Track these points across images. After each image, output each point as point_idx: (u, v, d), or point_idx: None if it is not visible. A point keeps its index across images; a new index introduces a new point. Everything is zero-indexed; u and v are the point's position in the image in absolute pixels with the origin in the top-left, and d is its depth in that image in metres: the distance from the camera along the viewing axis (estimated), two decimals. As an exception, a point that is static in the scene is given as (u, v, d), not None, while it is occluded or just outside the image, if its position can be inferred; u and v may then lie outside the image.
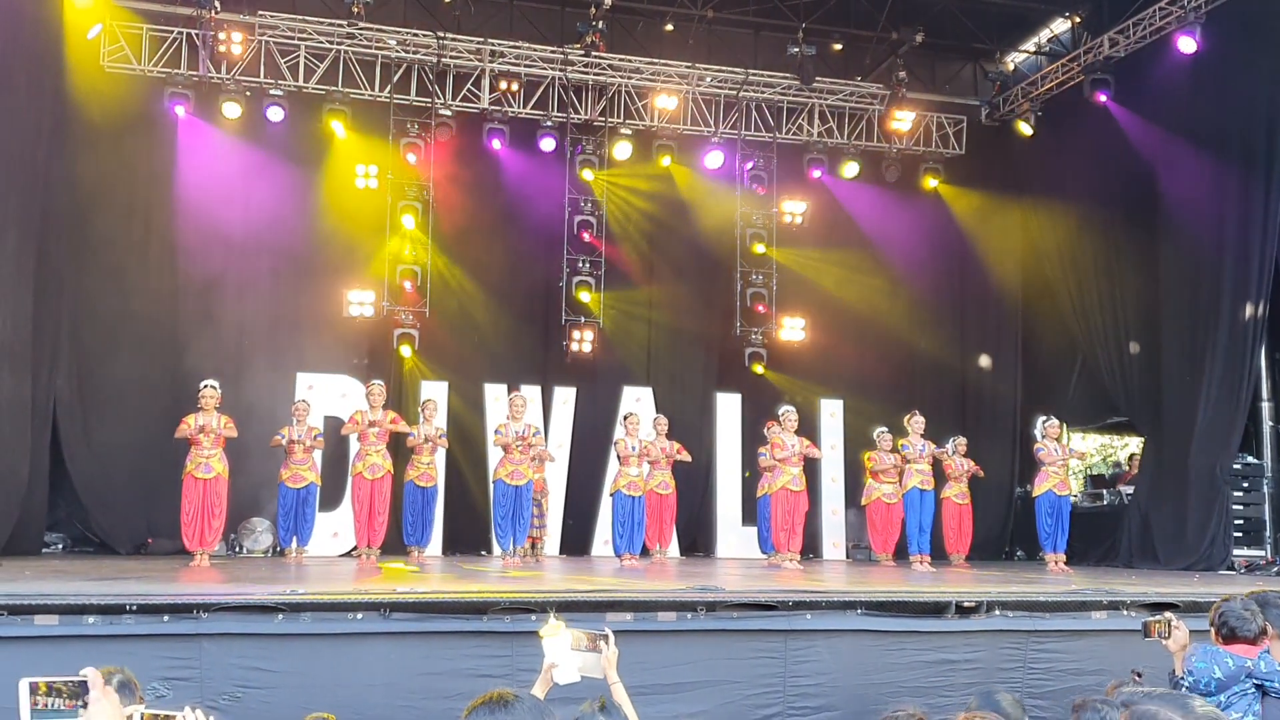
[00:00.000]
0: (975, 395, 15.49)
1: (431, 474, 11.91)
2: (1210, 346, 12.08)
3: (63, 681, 2.26)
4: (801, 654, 6.06)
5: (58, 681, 2.25)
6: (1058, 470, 12.00)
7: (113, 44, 12.77)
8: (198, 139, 13.13)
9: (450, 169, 14.00)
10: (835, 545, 14.50)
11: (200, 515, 10.22)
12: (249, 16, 13.02)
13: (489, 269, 14.02)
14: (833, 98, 14.94)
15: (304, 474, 11.40)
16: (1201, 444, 12.08)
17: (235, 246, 12.80)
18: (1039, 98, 14.60)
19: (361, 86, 13.64)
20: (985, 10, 14.72)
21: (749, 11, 14.37)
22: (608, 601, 6.12)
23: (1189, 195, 12.53)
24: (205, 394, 10.41)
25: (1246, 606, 3.92)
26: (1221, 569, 11.44)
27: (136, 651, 5.07)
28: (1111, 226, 13.67)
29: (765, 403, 13.83)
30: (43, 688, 2.24)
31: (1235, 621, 3.88)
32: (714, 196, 14.95)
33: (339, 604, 5.73)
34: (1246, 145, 11.81)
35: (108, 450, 12.35)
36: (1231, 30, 11.80)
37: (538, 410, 13.36)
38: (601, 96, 14.36)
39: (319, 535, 12.05)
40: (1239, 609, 3.91)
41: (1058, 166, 14.62)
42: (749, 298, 14.90)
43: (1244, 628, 3.85)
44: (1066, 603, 6.69)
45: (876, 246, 15.20)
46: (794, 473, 11.80)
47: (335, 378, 13.26)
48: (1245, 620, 3.86)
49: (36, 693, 2.24)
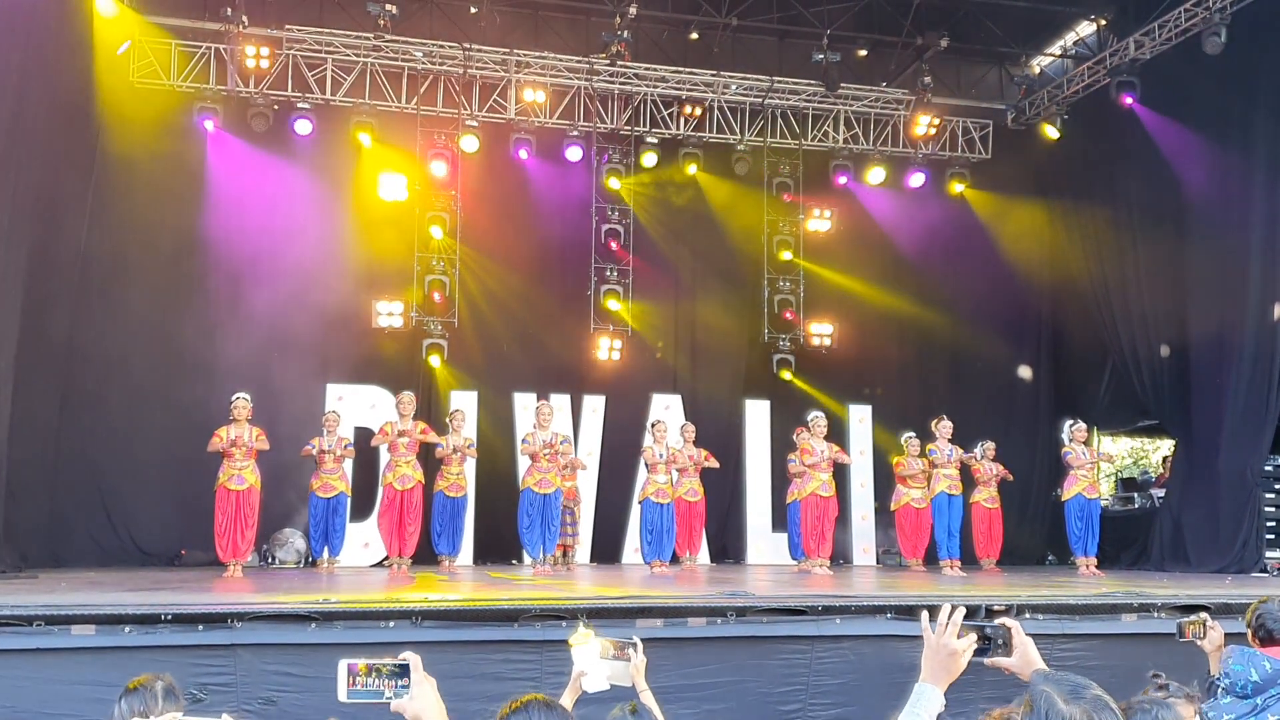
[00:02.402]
0: (1004, 400, 15.41)
1: (461, 484, 11.95)
2: (1239, 348, 11.99)
3: (383, 663, 2.27)
4: (827, 657, 6.07)
5: (378, 663, 2.27)
6: (1087, 473, 11.94)
7: (142, 60, 12.95)
8: (227, 153, 13.27)
9: (477, 179, 14.09)
10: (865, 551, 14.46)
11: (233, 526, 10.34)
12: (276, 31, 13.17)
13: (517, 278, 14.09)
14: (858, 104, 14.93)
15: (334, 484, 11.50)
16: (1231, 446, 11.98)
17: (265, 259, 12.91)
18: (1065, 101, 14.54)
19: (388, 99, 13.77)
20: (1010, 14, 14.65)
21: (773, 19, 14.37)
22: (638, 608, 6.16)
23: (1216, 197, 12.45)
24: (237, 406, 10.53)
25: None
26: (1254, 571, 11.34)
27: (171, 661, 5.15)
28: (1139, 229, 13.58)
29: (794, 409, 13.83)
30: (362, 669, 2.25)
31: (1273, 624, 3.85)
32: (741, 203, 14.98)
33: (371, 612, 5.80)
34: (1272, 146, 11.72)
35: (141, 463, 12.49)
36: (1256, 30, 11.71)
37: (567, 419, 13.42)
38: (627, 105, 14.43)
39: (350, 545, 12.13)
40: (1277, 611, 3.88)
41: (1084, 170, 14.55)
42: (776, 304, 14.91)
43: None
44: (1097, 606, 6.67)
45: (903, 252, 15.17)
46: (823, 478, 11.80)
47: (365, 388, 13.36)
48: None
49: (355, 673, 2.25)
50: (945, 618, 2.53)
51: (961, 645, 2.50)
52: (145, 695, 3.24)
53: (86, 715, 4.93)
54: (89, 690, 5.09)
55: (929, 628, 2.53)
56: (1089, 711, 2.07)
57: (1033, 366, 15.61)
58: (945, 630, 2.51)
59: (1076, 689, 2.13)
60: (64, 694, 5.20)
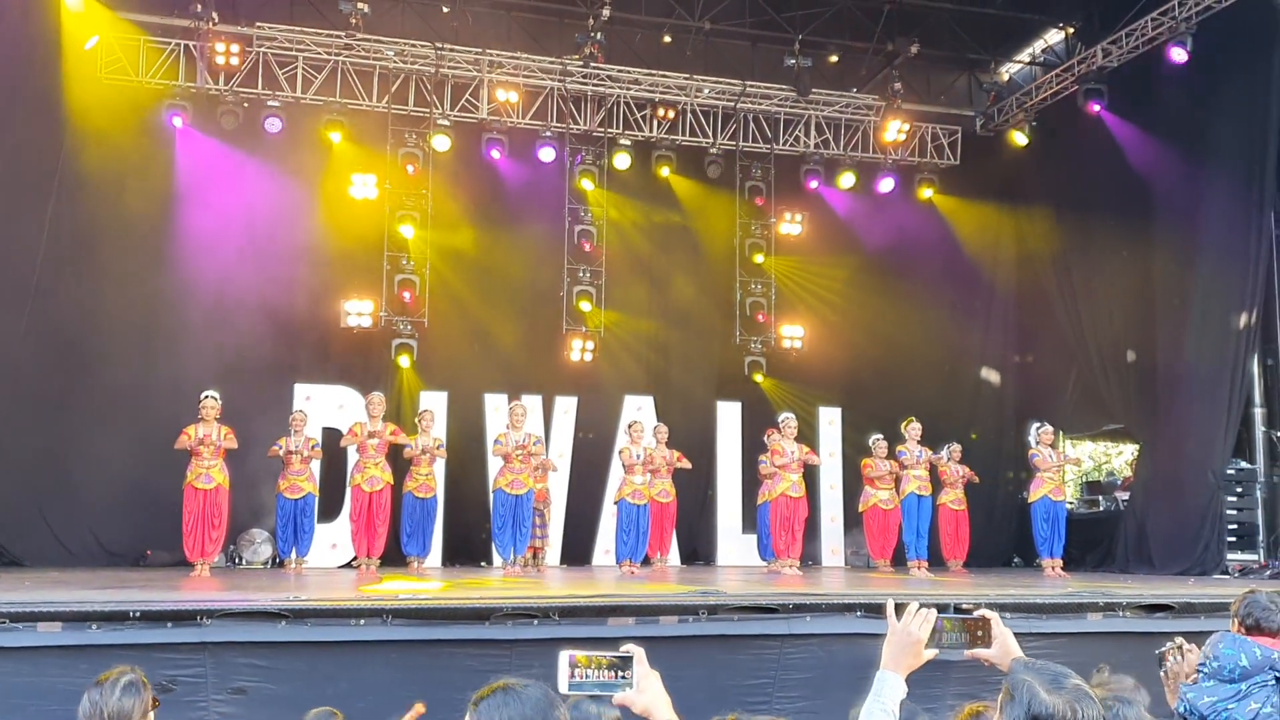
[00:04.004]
0: (972, 402, 15.55)
1: (430, 485, 11.89)
2: (1203, 353, 12.17)
3: (605, 655, 2.29)
4: (796, 654, 6.11)
5: (600, 655, 2.29)
6: (1053, 476, 12.07)
7: (110, 56, 12.80)
8: (196, 150, 13.13)
9: (449, 179, 14.04)
10: (834, 552, 14.53)
11: (201, 526, 10.27)
12: (246, 28, 13.08)
13: (488, 279, 14.05)
14: (829, 109, 15.03)
15: (301, 484, 11.43)
16: (1195, 450, 12.15)
17: (233, 257, 12.80)
18: (1033, 108, 14.70)
19: (359, 97, 13.70)
20: (980, 22, 14.81)
21: (746, 24, 14.45)
22: (610, 606, 6.17)
23: (1181, 203, 12.63)
24: (206, 404, 10.45)
25: (1272, 600, 3.96)
26: (1216, 573, 11.50)
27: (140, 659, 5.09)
28: (1105, 235, 13.74)
29: (765, 411, 13.90)
30: (583, 660, 2.28)
31: (1260, 613, 3.92)
32: (713, 206, 15.03)
33: (342, 610, 5.77)
34: (1236, 153, 11.92)
35: (107, 462, 12.33)
36: (1222, 40, 11.91)
37: (539, 419, 13.39)
38: (600, 107, 14.44)
39: (318, 546, 12.05)
40: (1265, 601, 3.95)
41: (1052, 176, 14.71)
42: (748, 307, 14.97)
43: (1269, 619, 3.89)
44: (1063, 605, 6.75)
45: (873, 256, 15.29)
46: (793, 479, 11.86)
47: (333, 388, 13.28)
48: (1270, 612, 3.91)
49: (576, 665, 2.27)
50: (913, 609, 2.55)
51: (924, 633, 2.52)
52: (105, 689, 3.23)
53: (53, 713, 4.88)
54: (55, 687, 5.03)
55: (893, 615, 2.55)
56: (1070, 701, 2.10)
57: (1000, 370, 15.76)
58: (910, 617, 2.53)
59: (1057, 678, 2.16)
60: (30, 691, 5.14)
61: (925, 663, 2.53)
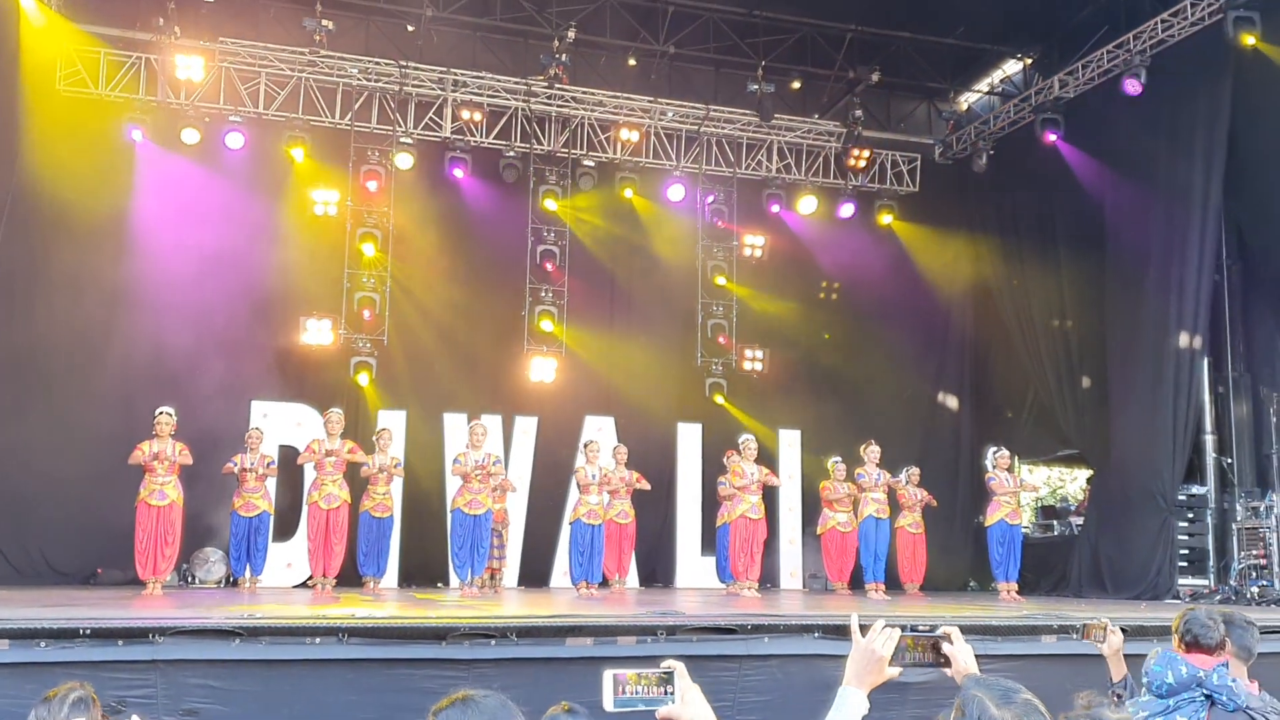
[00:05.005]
0: (929, 427, 15.68)
1: (387, 504, 11.78)
2: (1154, 379, 12.36)
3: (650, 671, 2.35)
4: (754, 675, 6.11)
5: (645, 673, 2.35)
6: (1009, 500, 12.16)
7: (69, 68, 12.70)
8: (155, 164, 13.00)
9: (411, 197, 14.00)
10: (792, 575, 14.57)
11: (153, 543, 10.11)
12: (209, 43, 13.00)
13: (450, 297, 14.02)
14: (791, 134, 15.17)
15: (256, 502, 11.31)
16: (1146, 475, 12.32)
17: (192, 272, 12.68)
18: (991, 136, 14.93)
19: (322, 114, 13.66)
20: (939, 51, 15.07)
21: (710, 49, 14.58)
22: (568, 627, 6.13)
23: (1132, 231, 12.88)
24: (161, 420, 10.32)
25: (1210, 616, 4.04)
26: (1168, 598, 11.64)
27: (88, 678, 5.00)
28: (1060, 262, 13.98)
29: (726, 433, 13.91)
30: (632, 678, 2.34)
31: (1199, 630, 3.99)
32: (675, 228, 15.11)
33: (297, 628, 5.71)
34: (1184, 182, 12.18)
35: (57, 479, 12.11)
36: (1172, 73, 12.20)
37: (499, 439, 13.34)
38: (565, 128, 14.49)
39: (273, 565, 11.92)
40: (1203, 618, 4.03)
41: (1009, 204, 14.95)
42: (710, 329, 15.04)
43: (1206, 636, 3.97)
44: (1018, 627, 6.81)
45: (833, 280, 15.44)
46: (753, 501, 11.88)
47: (291, 406, 13.18)
48: (1208, 629, 3.98)
49: (623, 682, 2.34)
50: (878, 626, 2.57)
51: (888, 650, 2.54)
52: (53, 705, 3.16)
53: (-2, 732, 4.79)
54: (1, 706, 4.94)
55: (858, 632, 2.56)
56: (1020, 716, 2.12)
57: (957, 394, 15.92)
58: (875, 634, 2.55)
59: (1007, 693, 2.18)
60: (-26, 710, 5.03)
61: (888, 679, 2.55)
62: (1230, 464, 12.48)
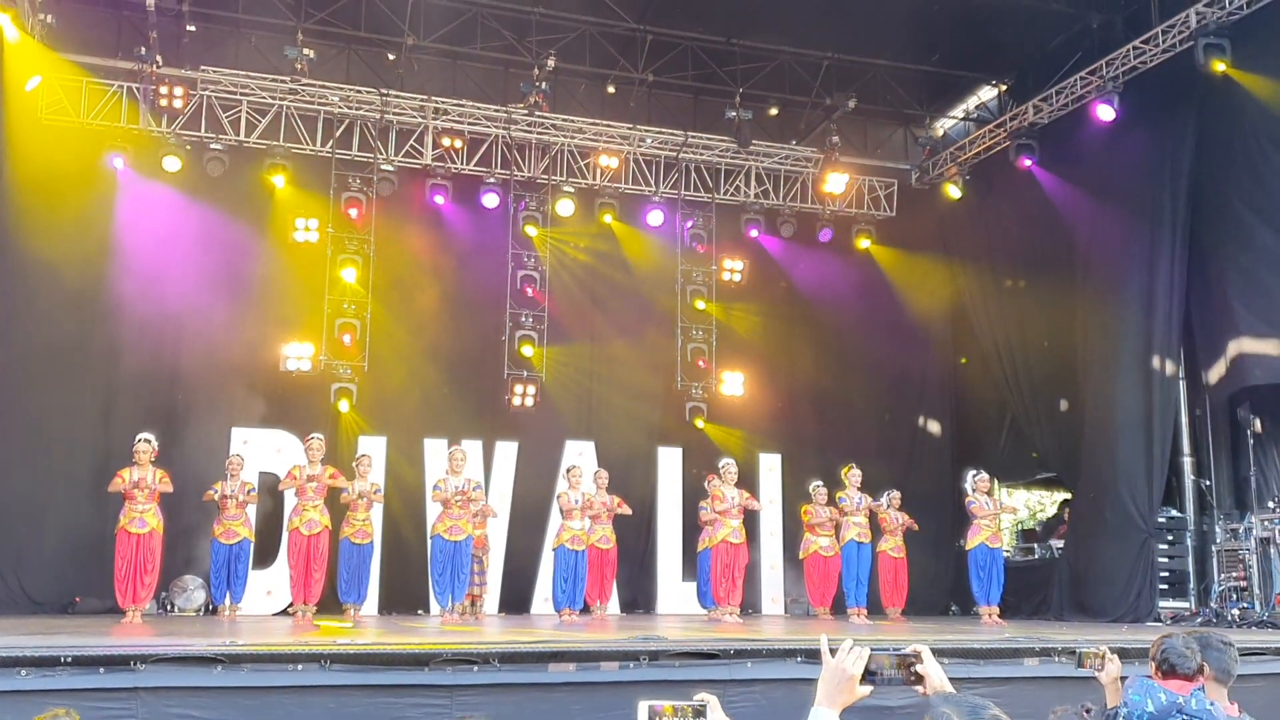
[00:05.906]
0: (909, 451, 15.75)
1: (368, 530, 11.70)
2: (1130, 402, 12.47)
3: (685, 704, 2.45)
4: (738, 700, 6.12)
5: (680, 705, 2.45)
6: (989, 523, 12.21)
7: (51, 96, 12.69)
8: (137, 192, 13.00)
9: (392, 224, 14.03)
10: (774, 600, 14.58)
11: (133, 571, 10.06)
12: (191, 71, 13.03)
13: (430, 323, 14.03)
14: (769, 160, 15.30)
15: (237, 529, 11.26)
16: (1125, 497, 12.39)
17: (172, 300, 12.66)
18: (967, 162, 15.09)
19: (303, 141, 13.69)
20: (916, 78, 15.26)
21: (688, 76, 14.72)
22: (551, 652, 6.14)
23: (1106, 255, 13.04)
24: (140, 448, 10.29)
25: (1187, 644, 4.04)
26: (1149, 621, 11.69)
27: (72, 705, 4.98)
28: (1036, 286, 14.10)
29: (706, 457, 13.95)
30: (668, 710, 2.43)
31: (1175, 658, 4.00)
32: (655, 254, 15.18)
33: (279, 655, 5.69)
34: (1156, 206, 12.36)
35: (36, 507, 12.04)
36: (1145, 99, 12.39)
37: (479, 465, 13.32)
38: (544, 155, 14.57)
39: (252, 593, 11.85)
40: (1180, 646, 4.03)
41: (984, 228, 15.09)
42: (690, 353, 15.09)
43: (1183, 664, 3.98)
44: (1000, 649, 6.84)
45: (812, 304, 15.54)
46: (734, 525, 11.89)
47: (271, 432, 13.14)
48: (1185, 658, 3.99)
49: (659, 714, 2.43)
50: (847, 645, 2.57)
51: (857, 669, 2.54)
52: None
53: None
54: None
55: (827, 652, 2.58)
56: None
57: (936, 418, 16.00)
58: (844, 654, 2.55)
59: (975, 710, 2.21)
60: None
61: (860, 699, 2.55)
62: (1209, 486, 12.56)
